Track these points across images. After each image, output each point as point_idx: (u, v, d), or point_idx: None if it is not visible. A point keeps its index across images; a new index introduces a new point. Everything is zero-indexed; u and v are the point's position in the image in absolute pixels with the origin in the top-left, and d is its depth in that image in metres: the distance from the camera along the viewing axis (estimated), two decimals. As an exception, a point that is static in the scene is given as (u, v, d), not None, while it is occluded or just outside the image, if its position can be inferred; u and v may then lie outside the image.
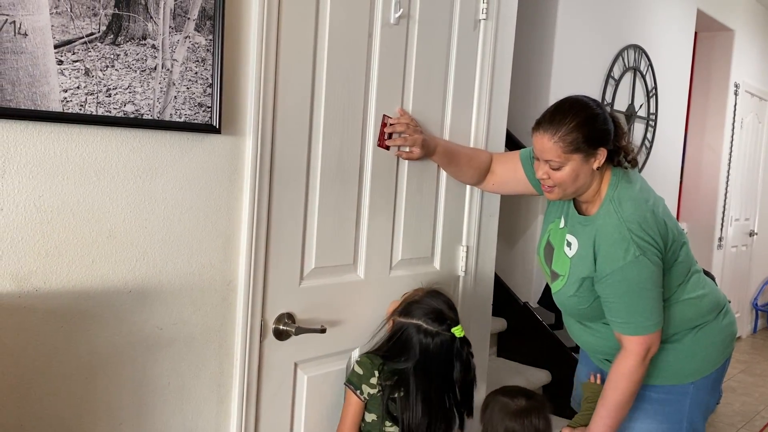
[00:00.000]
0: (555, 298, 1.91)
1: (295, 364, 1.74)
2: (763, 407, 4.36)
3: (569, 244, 1.80)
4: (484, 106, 2.17)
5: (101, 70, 1.28)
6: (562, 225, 1.85)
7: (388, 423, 1.74)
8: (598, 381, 1.96)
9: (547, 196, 1.80)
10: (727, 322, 1.90)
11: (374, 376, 1.73)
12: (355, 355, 1.89)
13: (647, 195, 1.78)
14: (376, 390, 1.73)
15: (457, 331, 1.73)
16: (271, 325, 1.65)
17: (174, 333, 1.46)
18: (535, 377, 3.09)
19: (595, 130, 1.68)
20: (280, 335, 1.67)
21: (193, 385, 1.51)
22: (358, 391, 1.74)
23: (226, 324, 1.56)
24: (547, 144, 1.69)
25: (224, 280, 1.54)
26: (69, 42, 1.24)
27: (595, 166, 1.70)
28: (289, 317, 1.69)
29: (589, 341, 1.89)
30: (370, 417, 1.75)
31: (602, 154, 1.69)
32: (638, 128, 4.23)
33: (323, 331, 1.71)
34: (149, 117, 1.36)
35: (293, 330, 1.67)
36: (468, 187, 2.18)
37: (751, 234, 6.32)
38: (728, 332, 1.90)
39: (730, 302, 1.97)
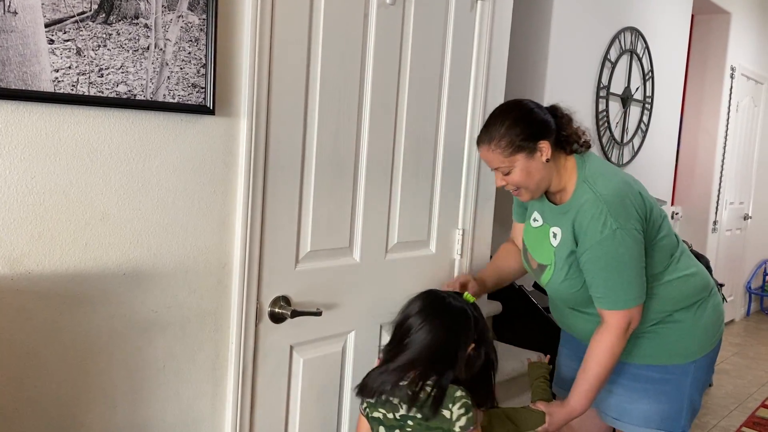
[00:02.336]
0: (548, 290, 1.93)
1: (291, 347, 1.73)
2: (755, 389, 4.39)
3: (555, 236, 1.82)
4: (481, 88, 2.16)
5: (93, 50, 1.26)
6: (539, 224, 1.88)
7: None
8: (546, 360, 2.02)
9: (520, 198, 1.84)
10: (718, 300, 1.95)
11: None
12: (352, 337, 1.89)
13: (616, 170, 1.83)
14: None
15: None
16: (266, 308, 1.65)
17: (169, 316, 1.45)
18: (531, 360, 3.10)
19: (529, 126, 1.71)
20: (276, 318, 1.66)
21: (189, 368, 1.51)
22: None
23: (222, 307, 1.55)
24: (488, 154, 1.74)
25: (219, 263, 1.53)
26: (60, 21, 1.21)
27: (543, 159, 1.73)
28: (285, 300, 1.68)
29: (587, 328, 1.88)
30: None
31: (545, 147, 1.72)
32: (634, 111, 4.22)
33: (319, 314, 1.71)
34: (142, 98, 1.34)
35: (289, 313, 1.66)
36: (464, 170, 2.17)
37: (746, 218, 6.33)
38: (720, 310, 1.95)
39: (723, 285, 2.00)
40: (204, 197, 1.48)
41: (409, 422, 1.51)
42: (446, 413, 1.49)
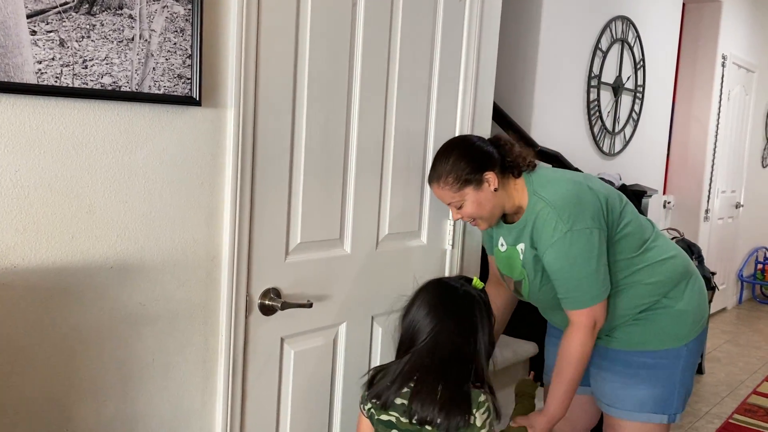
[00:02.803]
0: (532, 301, 1.98)
1: (282, 339, 1.73)
2: (747, 377, 4.42)
3: (521, 251, 1.87)
4: (471, 78, 2.15)
5: (77, 41, 1.25)
6: (505, 248, 1.92)
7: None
8: (531, 377, 2.05)
9: (479, 228, 1.90)
10: (701, 280, 1.98)
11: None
12: (343, 329, 1.89)
13: (564, 173, 1.87)
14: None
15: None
16: (256, 300, 1.64)
17: (158, 309, 1.45)
18: (523, 349, 3.10)
19: (473, 160, 1.77)
20: (266, 310, 1.66)
21: (178, 361, 1.50)
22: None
23: (211, 299, 1.54)
24: (439, 191, 1.82)
25: (208, 255, 1.52)
26: (42, 11, 1.20)
27: (492, 188, 1.78)
28: (275, 292, 1.67)
29: None
30: None
31: (491, 177, 1.78)
32: (626, 101, 4.22)
33: (310, 305, 1.70)
34: (127, 89, 1.32)
35: (279, 305, 1.65)
36: (455, 160, 2.16)
37: (737, 206, 6.35)
38: (704, 290, 1.98)
39: (715, 273, 2.03)
40: (191, 189, 1.47)
41: (427, 427, 1.46)
42: (471, 419, 1.46)
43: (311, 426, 1.85)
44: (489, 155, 1.80)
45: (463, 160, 1.77)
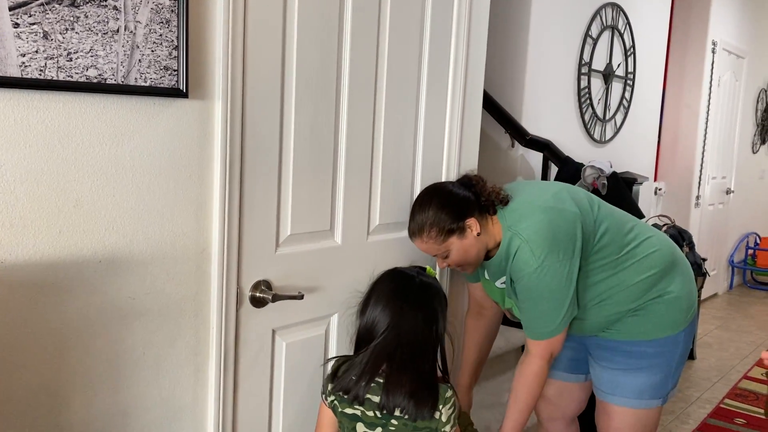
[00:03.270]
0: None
1: (273, 331, 1.72)
2: (737, 361, 4.45)
3: (503, 285, 1.91)
4: (461, 67, 2.14)
5: (61, 33, 1.23)
6: (488, 277, 1.95)
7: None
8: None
9: (467, 272, 1.94)
10: (687, 263, 2.01)
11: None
12: (335, 320, 1.89)
13: (534, 200, 1.85)
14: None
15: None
16: (247, 293, 1.63)
17: (147, 302, 1.44)
18: (515, 337, 3.12)
19: (452, 209, 1.78)
20: (257, 302, 1.65)
21: (169, 354, 1.49)
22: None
23: (201, 292, 1.53)
24: (423, 246, 1.82)
25: (198, 248, 1.51)
26: (25, 3, 1.18)
27: (474, 233, 1.79)
28: (266, 284, 1.67)
29: (578, 326, 1.92)
30: None
31: (473, 223, 1.78)
32: (616, 88, 4.22)
33: (301, 297, 1.70)
34: (113, 81, 1.31)
35: (270, 297, 1.65)
36: (444, 151, 2.16)
37: (728, 192, 6.38)
38: (691, 274, 2.00)
39: (705, 260, 2.05)
40: (180, 182, 1.46)
41: (393, 421, 1.47)
42: (436, 414, 1.47)
43: (304, 417, 1.85)
44: (466, 200, 1.80)
45: (443, 211, 1.77)
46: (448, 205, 1.78)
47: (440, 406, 1.47)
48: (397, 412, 1.45)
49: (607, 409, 1.99)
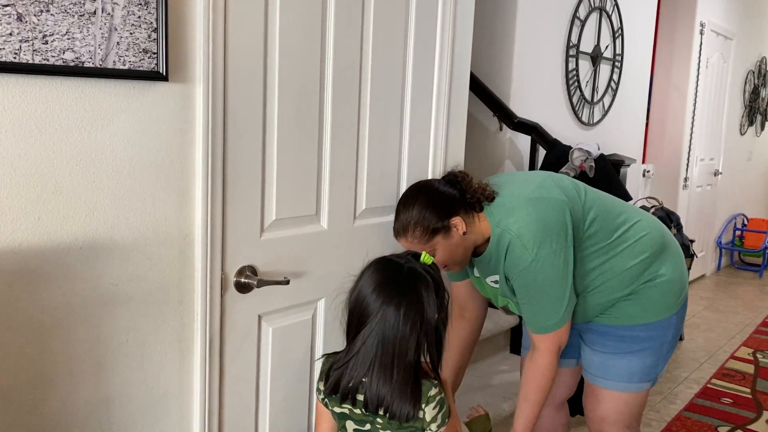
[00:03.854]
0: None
1: (259, 317, 1.71)
2: (725, 342, 4.49)
3: (496, 282, 1.88)
4: (447, 48, 2.12)
5: (35, 15, 1.20)
6: (478, 275, 1.94)
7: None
8: (482, 412, 1.97)
9: (453, 271, 1.92)
10: (678, 246, 1.99)
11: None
12: (322, 305, 1.88)
13: (519, 194, 1.81)
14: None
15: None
16: (232, 278, 1.62)
17: (130, 289, 1.42)
18: (503, 320, 3.13)
19: (437, 208, 1.74)
20: (242, 288, 1.64)
21: (153, 341, 1.48)
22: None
23: (185, 278, 1.52)
24: (407, 245, 1.78)
25: (180, 233, 1.49)
26: (-3, -15, 1.15)
27: (460, 232, 1.75)
28: (251, 270, 1.66)
29: (577, 312, 1.91)
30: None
31: (458, 222, 1.75)
32: (604, 70, 4.20)
33: (286, 282, 1.69)
34: (91, 65, 1.28)
35: (255, 282, 1.64)
36: (432, 133, 2.14)
37: (716, 174, 6.40)
38: (682, 255, 1.99)
39: (693, 241, 2.04)
40: (161, 166, 1.44)
41: (378, 420, 1.44)
42: (420, 413, 1.42)
43: (291, 403, 1.84)
44: (452, 198, 1.76)
45: (427, 210, 1.73)
46: (433, 204, 1.74)
47: (423, 405, 1.41)
48: (380, 411, 1.42)
49: (595, 392, 1.99)
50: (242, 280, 1.63)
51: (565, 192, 1.81)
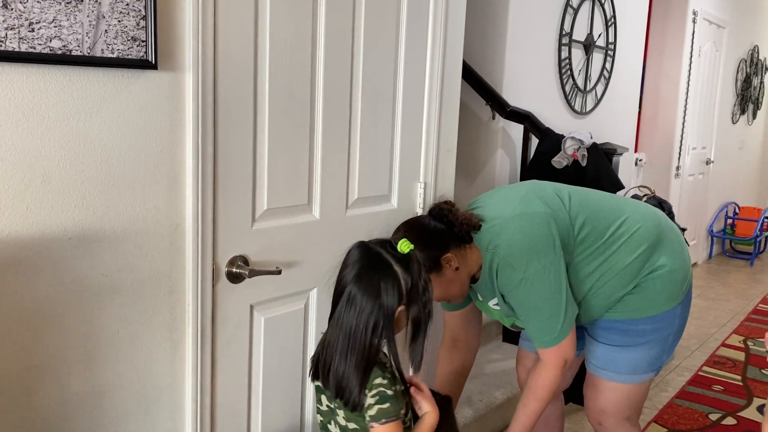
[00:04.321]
0: None
1: (251, 307, 1.71)
2: (716, 330, 4.51)
3: (497, 305, 1.88)
4: (439, 36, 2.11)
5: (21, 3, 1.18)
6: (481, 300, 1.92)
7: None
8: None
9: (457, 302, 1.91)
10: (677, 230, 1.98)
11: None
12: (314, 295, 1.87)
13: (504, 206, 1.81)
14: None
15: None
16: (223, 269, 1.61)
17: (120, 280, 1.41)
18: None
19: (428, 246, 1.69)
20: (234, 278, 1.63)
21: (144, 332, 1.47)
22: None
23: (176, 269, 1.51)
24: None
25: (171, 224, 1.48)
26: (-18, -29, 1.13)
27: (453, 268, 1.74)
28: (243, 260, 1.65)
29: (580, 317, 1.90)
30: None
31: (450, 258, 1.73)
32: (597, 58, 4.19)
33: (278, 272, 1.68)
34: (78, 53, 1.27)
35: (247, 272, 1.63)
36: (424, 121, 2.13)
37: (708, 162, 6.41)
38: (682, 239, 1.98)
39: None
40: (151, 156, 1.42)
41: (339, 410, 1.46)
42: (364, 399, 1.39)
43: (284, 393, 1.84)
44: (441, 234, 1.74)
45: (418, 249, 1.65)
46: (424, 243, 1.67)
47: (366, 391, 1.38)
48: (339, 396, 1.41)
49: (596, 383, 1.97)
50: (234, 270, 1.62)
51: (547, 203, 1.80)
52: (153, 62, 1.36)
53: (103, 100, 1.33)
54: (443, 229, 1.75)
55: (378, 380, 1.39)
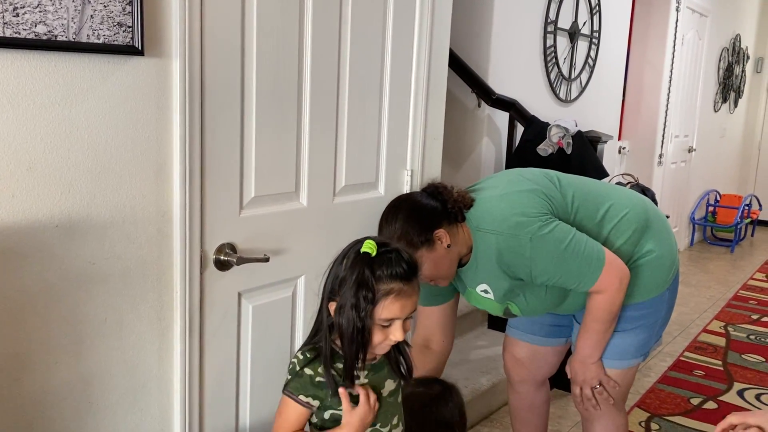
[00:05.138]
0: (527, 317, 2.00)
1: (239, 294, 1.71)
2: (697, 316, 4.57)
3: (486, 291, 1.86)
4: (426, 25, 2.10)
5: (5, -13, 1.17)
6: (468, 287, 1.91)
7: None
8: None
9: (440, 285, 1.85)
10: (663, 216, 1.99)
11: None
12: (302, 282, 1.87)
13: (492, 190, 1.82)
14: None
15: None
16: (211, 256, 1.61)
17: (108, 267, 1.40)
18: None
19: (420, 221, 1.71)
20: (222, 266, 1.63)
21: (132, 319, 1.47)
22: None
23: (164, 256, 1.50)
24: None
25: (158, 211, 1.47)
26: (-35, -45, 1.12)
27: (445, 245, 1.73)
28: (231, 247, 1.64)
29: (571, 305, 1.92)
30: None
31: (442, 234, 1.73)
32: (582, 46, 4.21)
33: (266, 260, 1.68)
34: (64, 38, 1.25)
35: (235, 260, 1.62)
36: (411, 109, 2.13)
37: (690, 150, 6.47)
38: (668, 225, 1.98)
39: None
40: (138, 143, 1.41)
41: None
42: None
43: (272, 381, 1.84)
44: (434, 211, 1.74)
45: (410, 223, 1.71)
46: (416, 217, 1.72)
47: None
48: None
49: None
50: (222, 257, 1.62)
51: (536, 182, 1.81)
52: (139, 48, 1.35)
53: (89, 86, 1.31)
54: (436, 206, 1.76)
55: (298, 353, 1.43)
